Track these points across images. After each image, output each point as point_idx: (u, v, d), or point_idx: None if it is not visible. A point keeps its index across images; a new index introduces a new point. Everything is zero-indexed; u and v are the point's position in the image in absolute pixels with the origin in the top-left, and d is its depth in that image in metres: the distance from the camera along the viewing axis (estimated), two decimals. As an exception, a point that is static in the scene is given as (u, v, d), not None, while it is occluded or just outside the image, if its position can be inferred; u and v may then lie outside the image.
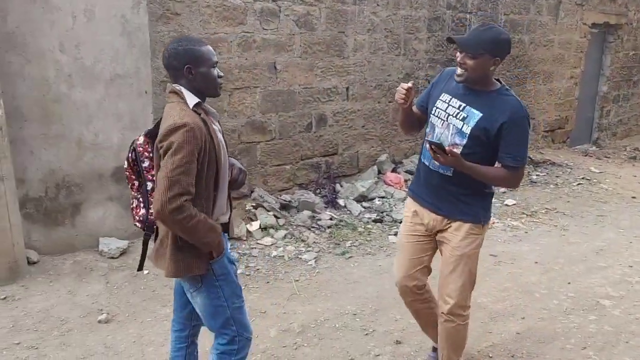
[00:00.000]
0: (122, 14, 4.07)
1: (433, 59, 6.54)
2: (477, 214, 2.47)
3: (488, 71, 2.34)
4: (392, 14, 5.95)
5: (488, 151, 2.38)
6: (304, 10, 5.18)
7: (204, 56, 2.00)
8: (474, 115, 2.35)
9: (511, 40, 2.38)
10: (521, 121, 2.34)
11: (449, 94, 2.46)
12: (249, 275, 4.01)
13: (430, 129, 2.50)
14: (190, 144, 1.88)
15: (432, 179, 2.48)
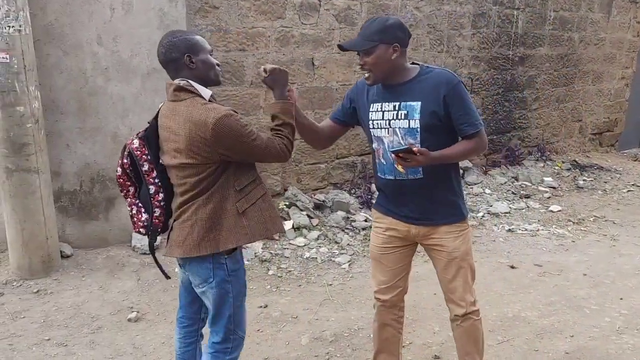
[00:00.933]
0: (160, 7, 4.00)
1: (477, 57, 6.28)
2: (457, 210, 2.35)
3: (393, 61, 2.16)
4: (435, 9, 5.73)
5: (443, 134, 2.23)
6: (345, 5, 5.02)
7: (199, 43, 1.98)
8: (414, 106, 2.19)
9: (402, 23, 2.21)
10: (459, 87, 2.18)
11: (377, 101, 2.30)
12: (280, 277, 3.90)
13: (378, 143, 2.32)
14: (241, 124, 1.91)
15: (402, 189, 2.31)
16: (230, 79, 4.49)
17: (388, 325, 2.54)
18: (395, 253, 2.43)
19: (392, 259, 2.43)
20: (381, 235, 2.44)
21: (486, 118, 6.62)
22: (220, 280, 2.02)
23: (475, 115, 2.21)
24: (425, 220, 2.32)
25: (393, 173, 2.29)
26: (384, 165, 2.31)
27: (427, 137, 2.19)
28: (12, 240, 3.64)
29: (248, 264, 4.05)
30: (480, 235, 4.85)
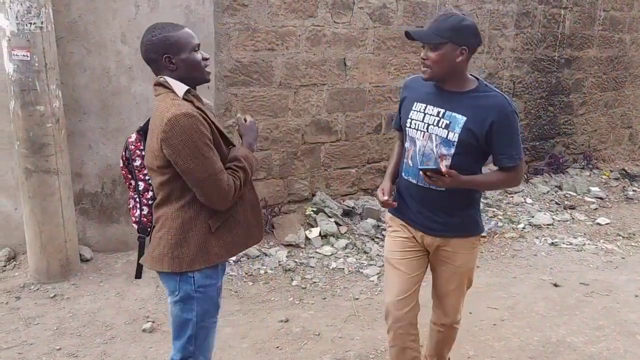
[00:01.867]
0: (186, 4, 3.87)
1: (520, 58, 5.94)
2: (475, 225, 2.29)
3: (456, 64, 2.06)
4: (476, 7, 5.43)
5: (478, 155, 2.17)
6: (380, 3, 4.78)
7: (181, 41, 1.83)
8: (458, 120, 2.10)
9: (477, 27, 2.10)
10: (511, 117, 2.10)
11: (422, 102, 2.21)
12: (304, 289, 3.70)
13: (411, 144, 2.24)
14: (199, 130, 1.75)
15: (423, 196, 2.22)
16: (259, 79, 4.32)
17: (408, 349, 2.36)
18: (414, 259, 2.32)
19: (410, 266, 2.31)
20: (398, 240, 2.34)
21: (529, 123, 6.26)
22: (185, 295, 1.89)
23: (518, 149, 2.14)
24: (441, 231, 2.24)
25: (417, 178, 2.22)
26: (410, 167, 2.24)
27: (460, 154, 2.12)
28: (30, 242, 3.56)
29: (271, 273, 3.87)
30: (520, 249, 4.53)
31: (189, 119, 1.73)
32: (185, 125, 1.72)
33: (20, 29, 3.17)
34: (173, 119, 1.72)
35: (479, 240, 2.33)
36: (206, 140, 1.75)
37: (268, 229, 4.34)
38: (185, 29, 1.88)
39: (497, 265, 4.21)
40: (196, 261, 1.87)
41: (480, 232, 2.31)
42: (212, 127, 1.83)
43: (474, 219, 2.28)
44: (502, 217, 5.13)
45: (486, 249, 4.48)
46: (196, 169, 1.75)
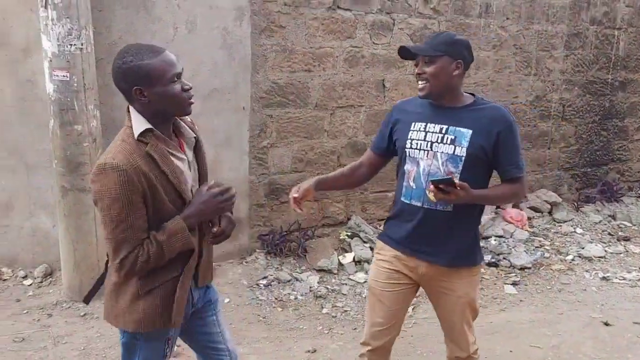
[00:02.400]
0: (224, 26, 3.88)
1: (570, 81, 5.67)
2: (476, 254, 2.22)
3: (452, 78, 2.06)
4: (523, 28, 5.24)
5: (485, 170, 2.13)
6: (421, 24, 4.68)
7: (155, 72, 1.58)
8: (463, 133, 2.06)
9: (469, 44, 2.13)
10: (515, 126, 2.10)
11: (421, 121, 2.15)
12: (335, 317, 3.57)
13: (412, 165, 2.16)
14: (125, 191, 1.54)
15: (427, 220, 2.13)
16: (294, 100, 4.28)
17: None
18: (399, 291, 2.24)
19: (394, 298, 2.25)
20: (385, 270, 2.25)
21: (579, 148, 5.95)
22: (128, 341, 1.78)
23: (522, 159, 2.14)
24: (441, 259, 2.15)
25: (421, 200, 2.12)
26: (413, 190, 2.15)
27: (469, 169, 2.06)
28: (64, 260, 3.60)
29: (302, 299, 3.76)
30: (568, 282, 4.24)
31: (114, 172, 1.53)
32: (108, 178, 1.54)
33: (61, 50, 3.24)
34: (100, 166, 1.56)
35: (479, 270, 2.28)
36: (127, 200, 1.54)
37: (300, 253, 4.25)
38: (164, 54, 1.62)
39: (542, 300, 3.95)
40: (119, 320, 1.73)
41: (480, 261, 2.25)
42: (154, 182, 1.60)
43: (475, 247, 2.21)
44: (549, 248, 4.85)
45: (531, 281, 4.23)
46: (105, 224, 1.59)
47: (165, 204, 1.64)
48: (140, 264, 1.59)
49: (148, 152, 1.61)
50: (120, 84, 1.63)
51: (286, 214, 4.41)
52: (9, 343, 3.12)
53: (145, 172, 1.58)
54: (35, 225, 3.89)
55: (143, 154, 1.60)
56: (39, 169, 3.78)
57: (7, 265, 3.93)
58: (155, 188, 1.61)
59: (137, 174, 1.56)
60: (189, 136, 1.77)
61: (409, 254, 2.19)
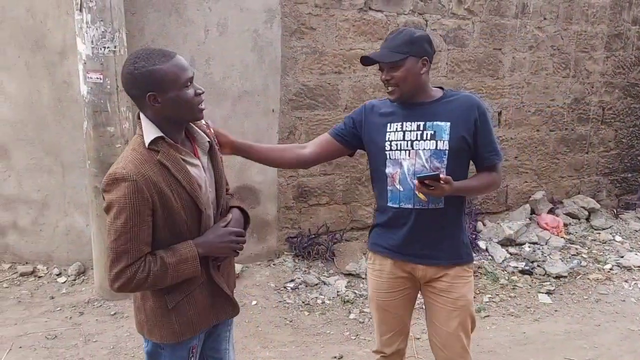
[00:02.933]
0: (254, 29, 3.89)
1: (610, 83, 5.48)
2: (468, 250, 2.16)
3: (421, 76, 2.02)
4: (561, 29, 5.08)
5: (466, 161, 2.09)
6: (454, 24, 4.59)
7: (168, 77, 1.53)
8: (442, 127, 2.02)
9: (430, 37, 2.06)
10: (487, 113, 2.07)
11: (396, 121, 2.08)
12: (362, 323, 3.51)
13: (395, 167, 2.07)
14: (134, 202, 1.51)
15: (419, 221, 2.06)
16: (324, 102, 4.25)
17: None
18: (403, 298, 2.19)
19: (398, 304, 2.20)
20: (384, 280, 2.19)
21: (619, 153, 5.74)
22: (152, 350, 1.75)
23: (497, 145, 2.12)
24: (437, 259, 2.10)
25: (412, 201, 2.05)
26: (400, 192, 2.07)
27: (454, 162, 2.03)
28: (96, 259, 3.65)
29: (329, 304, 3.72)
30: (606, 293, 4.08)
31: (124, 182, 1.51)
32: (118, 188, 1.51)
33: (95, 52, 3.30)
34: (110, 176, 1.53)
35: (472, 270, 2.19)
36: (134, 211, 1.51)
37: (328, 256, 4.22)
38: (175, 58, 1.57)
39: (579, 310, 3.81)
40: (154, 334, 1.70)
41: (471, 259, 2.18)
42: (166, 191, 1.56)
43: (466, 244, 2.15)
44: (586, 256, 4.68)
45: (567, 291, 4.08)
46: (109, 233, 1.55)
47: (178, 213, 1.60)
48: (137, 279, 1.54)
49: (160, 161, 1.57)
50: (132, 91, 1.58)
51: (315, 216, 4.39)
52: (42, 340, 3.18)
53: (155, 182, 1.55)
54: (70, 224, 3.97)
55: (154, 162, 1.57)
56: (74, 168, 3.85)
57: (42, 262, 4.02)
58: (166, 197, 1.57)
59: (147, 184, 1.53)
60: (203, 141, 1.74)
61: (405, 259, 2.13)
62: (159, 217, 1.58)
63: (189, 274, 1.62)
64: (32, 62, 3.71)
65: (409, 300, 2.22)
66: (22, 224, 3.97)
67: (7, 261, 4.03)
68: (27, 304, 3.58)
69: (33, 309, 3.52)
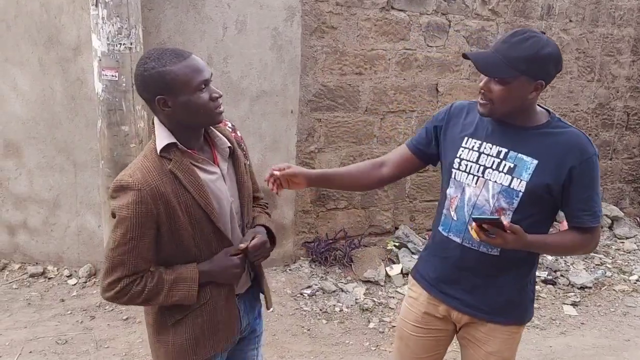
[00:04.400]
0: (274, 27, 3.77)
1: (636, 88, 5.32)
2: (522, 312, 1.80)
3: (526, 101, 1.61)
4: (587, 31, 4.93)
5: (545, 213, 1.70)
6: (478, 26, 4.45)
7: (179, 79, 1.41)
8: (526, 163, 1.64)
9: (560, 55, 1.61)
10: (595, 162, 1.64)
11: (477, 138, 1.73)
12: (382, 333, 3.39)
13: (457, 190, 1.75)
14: (136, 213, 1.41)
15: (464, 261, 1.75)
16: (344, 104, 4.12)
17: None
18: (430, 338, 1.90)
19: (422, 345, 1.91)
20: (414, 311, 1.91)
21: (644, 160, 5.58)
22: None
23: (599, 205, 1.68)
24: (477, 310, 1.78)
25: (461, 235, 1.74)
26: (452, 221, 1.76)
27: (525, 208, 1.65)
28: (108, 261, 3.55)
29: (347, 312, 3.60)
30: (634, 305, 3.93)
31: (129, 191, 1.41)
32: (123, 197, 1.42)
33: (111, 49, 3.19)
34: (117, 183, 1.45)
35: (521, 329, 1.83)
36: (135, 222, 1.42)
37: (346, 262, 4.09)
38: (189, 59, 1.45)
39: (606, 324, 3.66)
40: (154, 350, 1.63)
41: (522, 321, 1.81)
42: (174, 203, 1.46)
43: (522, 304, 1.80)
44: (611, 266, 4.53)
45: (592, 302, 3.94)
46: (108, 242, 1.48)
47: (185, 229, 1.49)
48: (131, 293, 1.46)
49: (171, 170, 1.46)
50: (143, 94, 1.48)
51: (332, 221, 4.26)
52: (52, 345, 3.08)
53: (163, 193, 1.44)
54: (81, 225, 3.88)
55: (165, 171, 1.46)
56: (87, 168, 3.76)
57: (53, 263, 3.93)
58: (173, 210, 1.46)
59: (154, 195, 1.43)
60: (223, 146, 1.61)
61: (440, 298, 1.83)
62: (164, 232, 1.48)
63: (181, 295, 1.50)
64: (45, 59, 3.61)
65: (437, 344, 1.92)
66: (33, 224, 3.88)
67: (16, 261, 3.94)
68: (37, 306, 3.49)
69: (43, 312, 3.42)
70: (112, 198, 1.46)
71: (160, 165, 1.46)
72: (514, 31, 1.61)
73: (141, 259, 1.46)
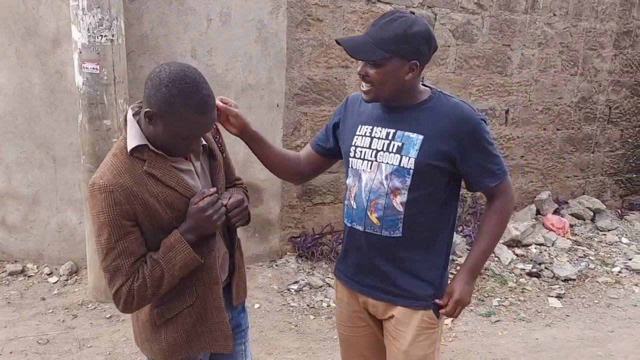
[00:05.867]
0: (259, 19, 3.71)
1: (618, 82, 5.37)
2: (432, 293, 1.71)
3: (404, 82, 1.60)
4: (571, 25, 4.96)
5: (442, 186, 1.67)
6: (464, 19, 4.45)
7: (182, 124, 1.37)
8: (412, 140, 1.63)
9: (431, 33, 1.60)
10: (480, 129, 1.63)
11: (368, 124, 1.72)
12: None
13: (354, 179, 1.73)
14: (112, 215, 1.37)
15: (369, 247, 1.71)
16: (330, 98, 4.09)
17: None
18: (366, 336, 1.85)
19: (363, 344, 1.86)
20: (344, 312, 1.86)
21: (625, 153, 5.65)
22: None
23: (499, 162, 1.69)
24: (388, 293, 1.72)
25: (362, 222, 1.70)
26: (354, 210, 1.72)
27: (420, 185, 1.63)
28: (90, 259, 3.47)
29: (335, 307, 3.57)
30: (617, 297, 3.98)
31: (101, 194, 1.37)
32: (96, 200, 1.38)
33: (91, 41, 3.10)
34: (90, 187, 1.41)
35: (437, 323, 1.72)
36: (115, 224, 1.38)
37: (333, 257, 4.07)
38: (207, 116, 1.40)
39: (590, 315, 3.70)
40: (145, 347, 1.61)
41: (433, 306, 1.71)
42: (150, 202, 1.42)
43: (432, 285, 1.71)
44: (594, 258, 4.58)
45: (576, 294, 3.98)
46: (98, 253, 1.44)
47: (169, 225, 1.46)
48: (136, 290, 1.41)
49: (147, 172, 1.42)
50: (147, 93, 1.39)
51: (319, 216, 4.23)
52: (33, 345, 3.01)
53: (137, 194, 1.40)
54: (62, 221, 3.78)
55: (138, 172, 1.42)
56: (67, 163, 3.66)
57: (32, 261, 3.84)
58: (152, 210, 1.42)
59: (127, 195, 1.39)
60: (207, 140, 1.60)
61: (357, 290, 1.79)
62: (146, 230, 1.44)
63: (180, 259, 1.44)
64: (23, 51, 3.50)
65: (375, 339, 1.84)
66: (11, 221, 3.78)
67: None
68: (17, 305, 3.40)
69: (23, 311, 3.33)
70: (89, 205, 1.44)
71: (132, 166, 1.42)
72: (384, 14, 1.63)
73: (134, 257, 1.42)
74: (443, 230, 1.74)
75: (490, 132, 1.68)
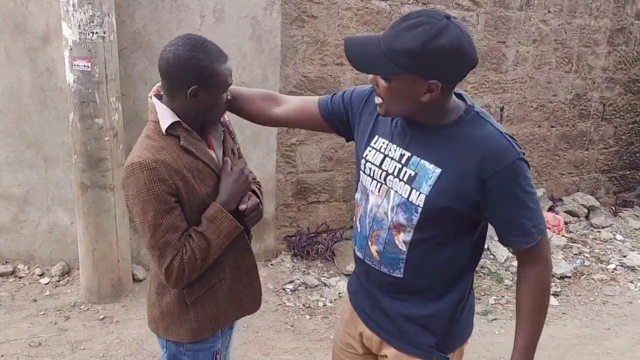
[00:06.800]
0: (253, 15, 3.66)
1: (612, 79, 5.38)
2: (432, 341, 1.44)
3: (420, 103, 1.28)
4: (565, 22, 4.95)
5: (458, 227, 1.37)
6: (459, 16, 4.41)
7: (219, 80, 1.45)
8: (428, 172, 1.33)
9: (461, 48, 1.23)
10: (516, 170, 1.29)
11: (384, 136, 1.43)
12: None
13: (362, 197, 1.49)
14: (157, 191, 1.40)
15: (372, 280, 1.50)
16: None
17: None
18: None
19: None
20: (341, 330, 1.68)
21: (619, 150, 5.66)
22: (171, 355, 1.63)
23: (536, 216, 1.33)
24: (384, 330, 1.50)
25: (363, 251, 1.48)
26: (358, 233, 1.50)
27: (430, 226, 1.34)
28: (83, 259, 3.42)
29: (331, 307, 3.55)
30: (612, 294, 3.99)
31: (143, 171, 1.39)
32: (138, 179, 1.39)
33: (82, 38, 3.04)
34: (129, 167, 1.42)
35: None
36: (160, 200, 1.40)
37: (328, 256, 4.04)
38: (229, 61, 1.49)
39: (587, 313, 3.70)
40: (170, 332, 1.59)
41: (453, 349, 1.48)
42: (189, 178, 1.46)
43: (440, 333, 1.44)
44: (589, 255, 4.58)
45: (572, 292, 3.98)
46: (143, 232, 1.45)
47: (204, 201, 1.50)
48: (187, 263, 1.44)
49: (183, 147, 1.47)
50: (174, 76, 1.43)
51: (314, 214, 4.20)
52: (25, 347, 2.95)
53: (177, 170, 1.44)
54: (53, 221, 3.72)
55: (174, 148, 1.46)
56: (58, 163, 3.60)
57: (23, 262, 3.77)
58: (190, 185, 1.47)
59: (169, 171, 1.42)
60: (217, 133, 1.64)
61: (358, 312, 1.58)
62: (184, 206, 1.46)
63: (225, 228, 1.49)
64: (12, 48, 3.43)
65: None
66: (1, 221, 3.71)
67: (-15, 261, 3.77)
68: (7, 307, 3.34)
69: (14, 313, 3.28)
70: (125, 187, 1.43)
71: (168, 143, 1.45)
72: (408, 14, 1.27)
73: (180, 231, 1.45)
74: (457, 280, 1.44)
75: (529, 177, 1.33)
